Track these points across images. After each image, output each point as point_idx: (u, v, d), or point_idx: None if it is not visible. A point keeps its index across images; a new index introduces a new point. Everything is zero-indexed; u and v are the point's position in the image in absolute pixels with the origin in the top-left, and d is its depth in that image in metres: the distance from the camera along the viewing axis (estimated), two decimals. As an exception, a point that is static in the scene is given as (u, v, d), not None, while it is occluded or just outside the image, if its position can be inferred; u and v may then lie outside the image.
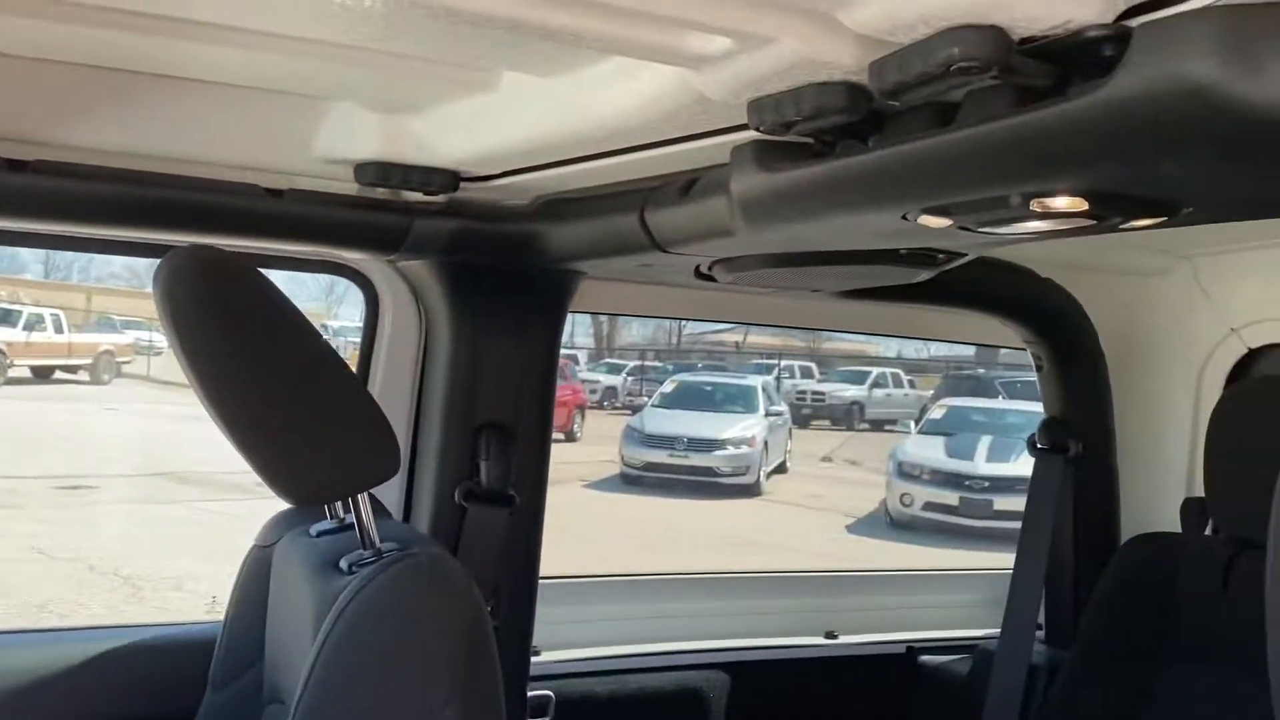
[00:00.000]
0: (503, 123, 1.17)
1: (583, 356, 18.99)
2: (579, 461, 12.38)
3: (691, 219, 1.24)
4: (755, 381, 14.04)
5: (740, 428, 12.06)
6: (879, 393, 17.08)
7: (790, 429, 13.56)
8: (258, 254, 1.52)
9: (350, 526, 1.12)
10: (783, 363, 18.44)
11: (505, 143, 1.21)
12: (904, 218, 1.01)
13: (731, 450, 11.81)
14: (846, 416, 16.73)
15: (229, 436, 1.05)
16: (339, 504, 1.17)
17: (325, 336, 1.19)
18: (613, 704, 1.79)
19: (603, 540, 8.91)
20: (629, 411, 14.51)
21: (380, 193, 1.40)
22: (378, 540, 1.09)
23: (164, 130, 1.25)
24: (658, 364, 19.29)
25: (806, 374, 18.26)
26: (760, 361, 18.70)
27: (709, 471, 11.67)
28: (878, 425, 16.25)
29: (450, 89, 1.13)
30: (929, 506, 10.21)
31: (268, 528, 1.35)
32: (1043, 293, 1.86)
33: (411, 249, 1.45)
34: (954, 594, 2.19)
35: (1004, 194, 0.88)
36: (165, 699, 1.45)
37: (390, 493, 1.63)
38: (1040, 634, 1.96)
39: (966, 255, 1.34)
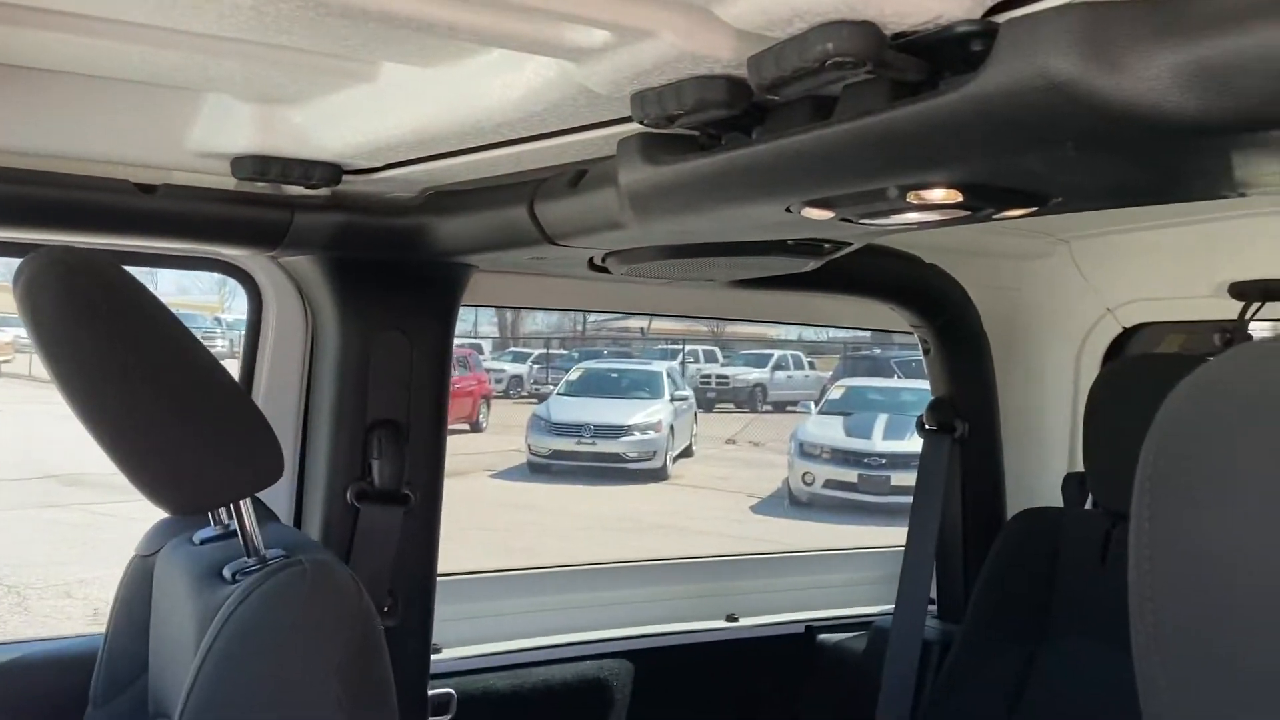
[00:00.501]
0: (384, 114, 1.14)
1: (487, 346, 18.82)
2: (485, 451, 12.28)
3: (581, 211, 1.23)
4: (660, 367, 14.12)
5: (646, 413, 12.12)
6: (781, 375, 17.36)
7: (695, 413, 13.69)
8: (134, 252, 1.46)
9: (234, 533, 1.08)
10: (687, 348, 18.59)
11: (387, 134, 1.18)
12: (788, 210, 1.02)
13: (638, 436, 11.87)
14: (750, 399, 16.96)
15: (101, 445, 1.01)
16: (221, 511, 1.13)
17: (219, 331, 1.15)
18: (516, 698, 1.78)
19: (507, 529, 8.86)
20: (535, 400, 14.44)
21: (260, 187, 1.35)
22: (262, 547, 1.06)
23: (27, 125, 1.18)
24: (563, 351, 19.24)
25: (710, 358, 18.45)
26: (665, 347, 18.80)
27: (616, 458, 11.70)
28: (780, 407, 16.51)
29: (328, 80, 1.09)
30: (830, 484, 10.44)
31: (149, 536, 1.30)
32: (928, 278, 1.91)
33: (293, 244, 1.40)
34: (850, 572, 2.24)
35: (882, 186, 0.89)
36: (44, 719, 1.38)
37: (280, 496, 1.58)
38: (933, 609, 2.02)
39: (852, 245, 1.36)
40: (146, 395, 0.99)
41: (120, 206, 1.28)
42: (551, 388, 14.56)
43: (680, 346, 18.62)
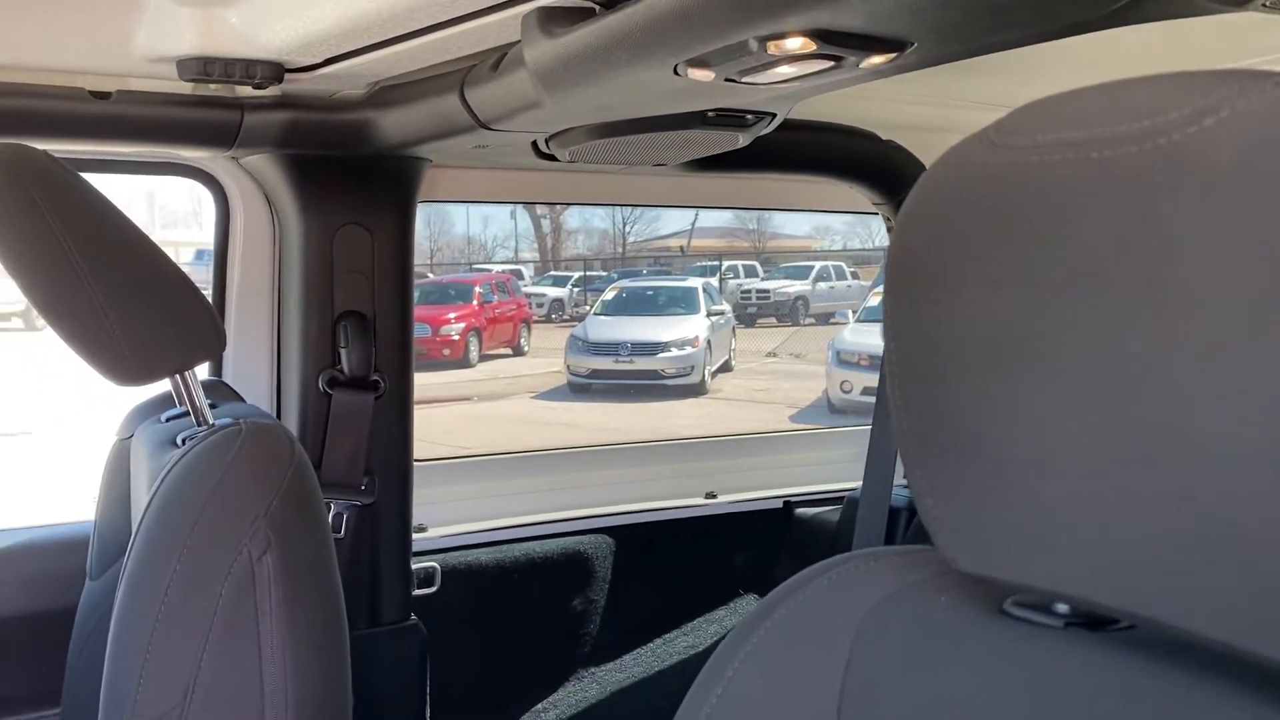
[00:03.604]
0: (319, 7, 1.19)
1: (528, 271, 18.94)
2: (527, 374, 12.47)
3: (504, 93, 1.28)
4: (696, 283, 14.13)
5: (682, 329, 12.18)
6: (823, 286, 17.24)
7: (734, 328, 13.71)
8: (101, 159, 1.54)
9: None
10: (726, 264, 18.52)
11: (321, 27, 1.23)
12: (676, 72, 1.07)
13: (675, 352, 11.95)
14: (791, 312, 16.90)
15: (53, 326, 1.10)
16: (183, 394, 1.23)
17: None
18: (498, 569, 1.90)
19: (551, 445, 9.04)
20: (576, 323, 14.58)
21: (213, 89, 1.42)
22: (209, 417, 1.16)
23: None
24: (603, 274, 19.29)
25: (751, 273, 18.37)
26: (705, 264, 18.76)
27: (654, 374, 11.82)
28: (824, 319, 16.45)
29: None
30: (867, 391, 10.40)
31: (126, 421, 1.41)
32: (887, 153, 1.93)
33: (246, 143, 1.48)
34: (825, 450, 2.31)
35: (743, 39, 0.94)
36: (47, 594, 1.52)
37: (261, 388, 1.69)
38: (899, 479, 2.09)
39: (776, 116, 1.40)
40: (87, 277, 1.08)
41: (78, 113, 1.37)
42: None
43: (718, 263, 18.55)
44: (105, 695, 1.03)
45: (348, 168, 1.59)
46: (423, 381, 1.77)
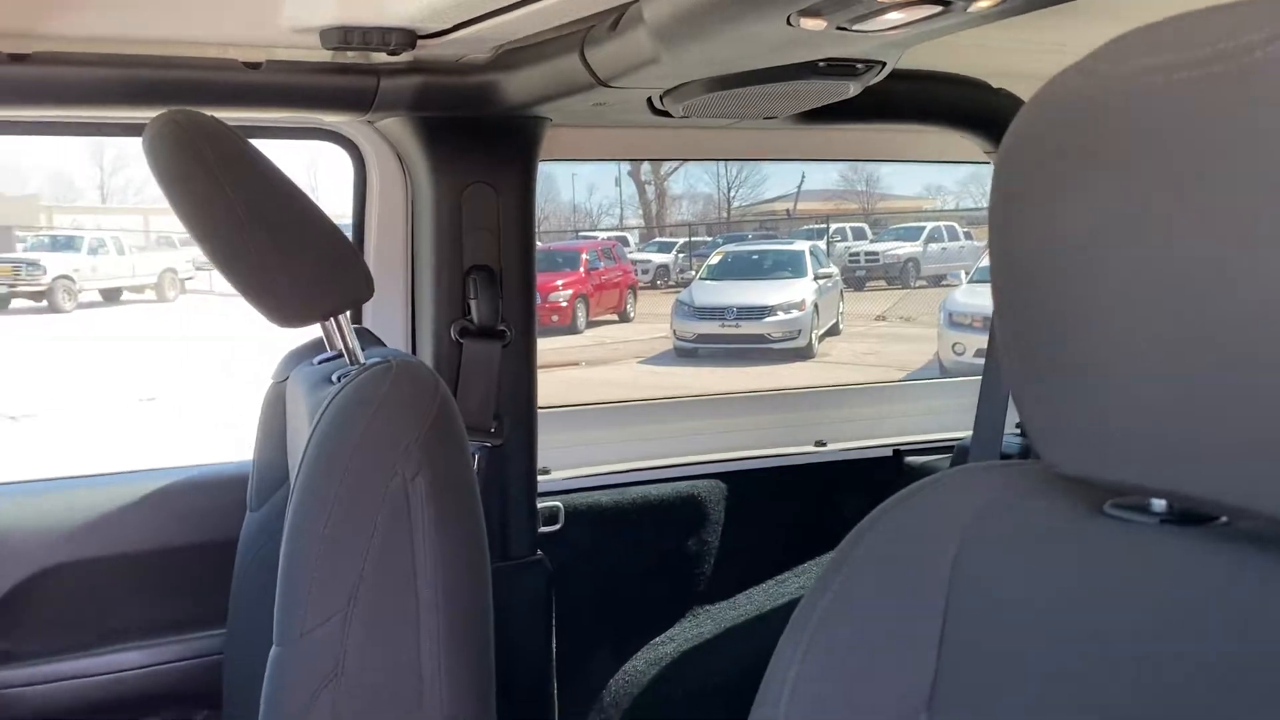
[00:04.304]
0: None
1: (633, 238, 19.06)
2: (633, 340, 12.61)
3: (622, 51, 1.35)
4: (802, 246, 14.00)
5: (789, 293, 12.12)
6: (935, 247, 16.85)
7: (842, 291, 13.56)
8: (248, 126, 1.67)
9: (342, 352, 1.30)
10: (834, 226, 18.27)
11: None
12: (788, 22, 1.12)
13: (781, 316, 11.90)
14: (902, 274, 16.59)
15: (223, 274, 1.22)
16: (336, 337, 1.34)
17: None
18: (617, 511, 1.99)
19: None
20: (682, 288, 14.63)
21: (350, 56, 1.53)
22: (361, 356, 1.27)
23: (150, 16, 1.39)
24: (708, 239, 19.26)
25: (860, 235, 18.08)
26: (812, 227, 18.54)
27: (760, 339, 11.80)
28: (935, 281, 16.11)
29: None
30: (980, 353, 10.21)
31: (280, 366, 1.55)
32: (999, 102, 1.93)
33: (381, 107, 1.58)
34: (936, 400, 2.33)
35: None
36: (211, 526, 1.68)
37: (397, 338, 1.81)
38: (1010, 425, 2.10)
39: (885, 65, 1.43)
40: (251, 230, 1.19)
41: (234, 83, 1.49)
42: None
43: (825, 225, 18.32)
44: (279, 606, 1.15)
45: (474, 128, 1.69)
46: (531, 346, 1.86)
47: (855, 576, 0.74)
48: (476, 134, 1.70)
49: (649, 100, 1.58)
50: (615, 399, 2.12)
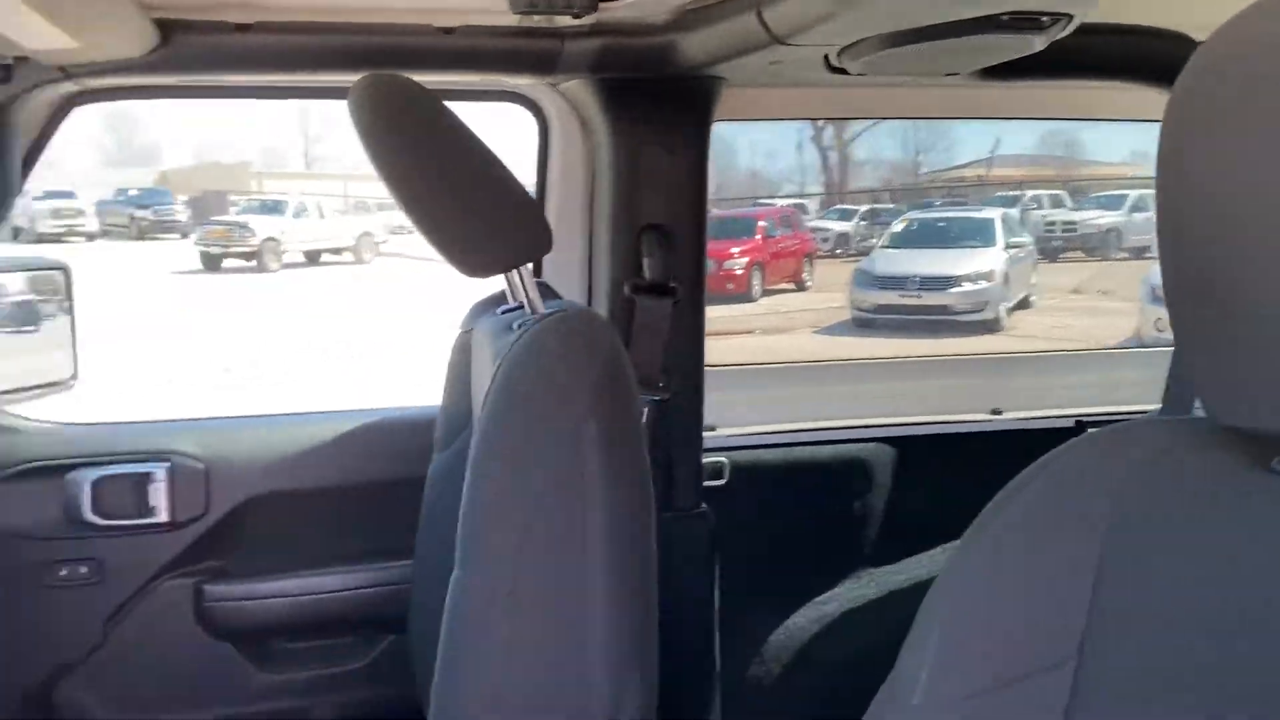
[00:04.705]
0: None
1: (813, 205, 18.76)
2: (809, 309, 12.46)
3: (799, 7, 1.35)
4: (992, 214, 13.42)
5: (976, 263, 11.67)
6: (1139, 216, 15.81)
7: (1035, 262, 12.95)
8: (441, 90, 1.77)
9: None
10: (1030, 193, 17.41)
11: None
12: None
13: (967, 287, 11.48)
14: (1102, 245, 15.66)
15: (416, 225, 1.32)
16: (518, 288, 1.42)
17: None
18: (784, 469, 2.01)
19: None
20: (862, 257, 14.33)
21: (536, 20, 1.60)
22: (540, 306, 1.34)
23: None
24: (890, 206, 18.74)
25: (1057, 203, 17.17)
26: (1005, 194, 17.73)
27: (943, 310, 11.42)
28: (1138, 252, 15.14)
29: None
30: (1185, 330, 9.57)
31: (467, 317, 1.65)
32: None
33: (564, 69, 1.65)
34: (1119, 371, 2.22)
35: None
36: (401, 464, 1.81)
37: (574, 293, 1.89)
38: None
39: (1072, 17, 1.37)
40: (443, 185, 1.28)
41: (430, 47, 1.59)
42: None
43: (1019, 193, 17.47)
44: (461, 536, 1.23)
45: (652, 90, 1.73)
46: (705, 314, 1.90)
47: (1005, 535, 0.74)
48: (654, 95, 1.74)
49: (825, 58, 1.58)
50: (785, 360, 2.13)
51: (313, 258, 18.54)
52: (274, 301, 13.72)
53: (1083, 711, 0.65)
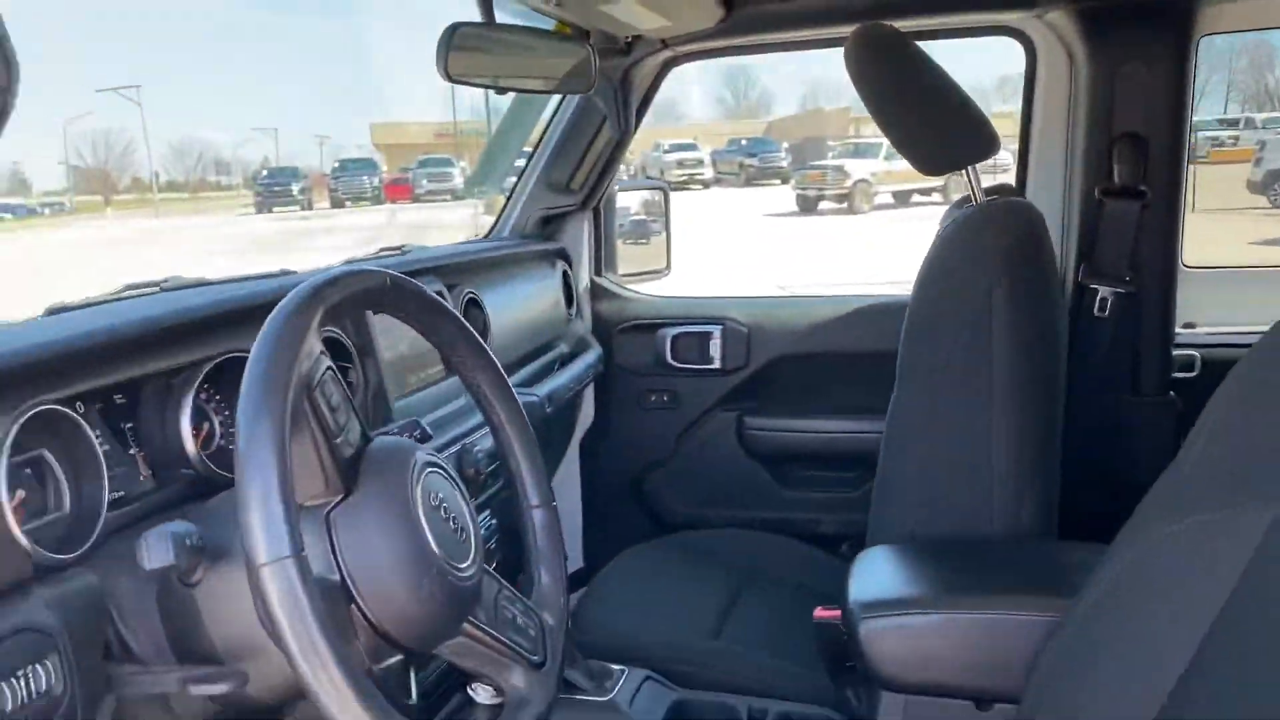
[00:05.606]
0: None
1: None
2: None
3: None
4: None
5: None
6: None
7: None
8: (943, 29, 2.13)
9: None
10: None
11: None
12: None
13: None
14: None
15: (889, 138, 1.71)
16: (968, 184, 1.74)
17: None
18: None
19: None
20: None
21: None
22: (980, 197, 1.68)
23: None
24: None
25: None
26: None
27: None
28: None
29: None
30: None
31: (945, 214, 2.02)
32: None
33: (1044, 1, 1.91)
34: None
35: None
36: (893, 337, 2.23)
37: (1055, 196, 2.14)
38: None
39: None
40: (912, 104, 1.66)
41: None
42: None
43: None
44: (898, 374, 1.65)
45: (1130, 12, 1.92)
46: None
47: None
48: (1133, 18, 1.93)
49: None
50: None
51: (902, 199, 19.06)
52: (845, 243, 14.56)
53: None
